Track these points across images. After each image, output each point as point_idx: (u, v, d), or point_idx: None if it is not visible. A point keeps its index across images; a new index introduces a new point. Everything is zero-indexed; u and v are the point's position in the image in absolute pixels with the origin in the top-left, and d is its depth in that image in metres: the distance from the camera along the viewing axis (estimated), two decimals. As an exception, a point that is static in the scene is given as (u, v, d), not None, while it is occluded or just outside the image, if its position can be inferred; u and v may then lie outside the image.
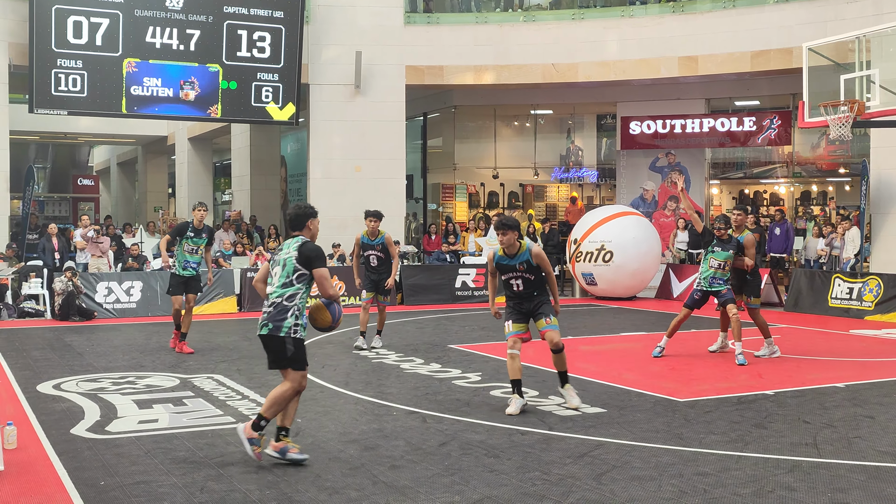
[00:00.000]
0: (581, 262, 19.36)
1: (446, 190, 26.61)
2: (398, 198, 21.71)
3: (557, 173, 26.12)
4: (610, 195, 25.58)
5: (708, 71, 20.87)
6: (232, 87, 19.86)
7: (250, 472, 6.20)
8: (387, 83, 21.42)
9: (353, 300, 18.32)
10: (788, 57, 19.24)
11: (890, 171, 18.10)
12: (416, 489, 5.82)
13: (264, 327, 6.50)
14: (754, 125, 22.12)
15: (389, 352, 12.03)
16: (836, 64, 15.57)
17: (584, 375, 10.02)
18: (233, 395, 9.02)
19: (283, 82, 20.24)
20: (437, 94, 25.34)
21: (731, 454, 6.70)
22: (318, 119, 21.30)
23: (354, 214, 20.92)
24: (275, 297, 6.52)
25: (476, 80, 22.29)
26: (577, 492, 5.74)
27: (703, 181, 23.60)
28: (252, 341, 13.09)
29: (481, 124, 26.87)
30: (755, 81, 22.05)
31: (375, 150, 21.24)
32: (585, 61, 21.66)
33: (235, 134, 28.09)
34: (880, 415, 8.05)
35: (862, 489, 5.80)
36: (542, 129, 26.62)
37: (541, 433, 7.34)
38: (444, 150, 27.51)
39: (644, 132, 23.12)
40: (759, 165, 24.01)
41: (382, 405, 8.53)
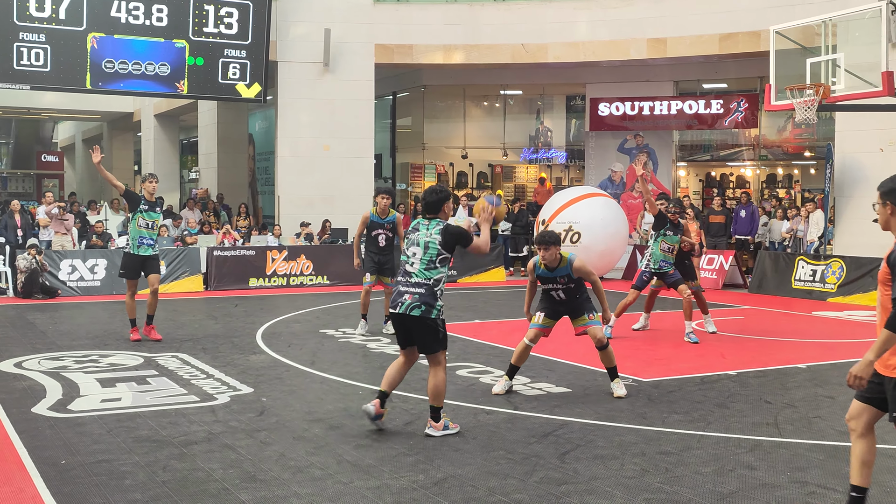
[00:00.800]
0: (549, 243, 19.38)
1: (415, 169, 26.55)
2: (367, 177, 21.64)
3: (526, 154, 26.15)
4: (578, 176, 25.65)
5: (676, 53, 20.95)
6: (199, 63, 19.63)
7: (213, 451, 6.17)
8: (356, 61, 21.28)
9: (319, 279, 18.26)
10: (756, 40, 19.35)
11: (854, 154, 18.31)
12: (381, 468, 5.82)
13: (416, 308, 6.48)
14: (722, 108, 22.24)
15: (356, 331, 12.00)
16: (803, 47, 15.68)
17: (550, 356, 10.07)
18: (197, 374, 8.97)
19: (250, 59, 20.03)
20: (407, 74, 25.22)
21: (694, 433, 6.77)
22: (286, 97, 21.13)
23: (322, 193, 20.92)
24: (420, 277, 6.54)
25: (445, 59, 22.20)
26: (540, 471, 5.78)
27: (670, 163, 23.72)
28: (217, 320, 13.04)
29: (450, 104, 26.81)
30: (723, 64, 22.16)
31: (344, 129, 21.13)
32: (555, 42, 21.64)
33: (202, 111, 27.82)
34: (840, 395, 8.16)
35: (820, 468, 5.89)
36: (512, 109, 26.62)
37: (506, 413, 7.38)
38: (413, 129, 27.43)
39: (613, 114, 23.17)
40: (726, 148, 24.17)
41: (348, 384, 8.53)
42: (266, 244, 18.78)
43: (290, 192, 21.11)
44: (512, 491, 5.37)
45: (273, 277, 17.97)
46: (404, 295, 6.56)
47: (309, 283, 18.18)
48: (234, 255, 17.83)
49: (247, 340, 11.17)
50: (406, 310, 6.52)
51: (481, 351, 10.49)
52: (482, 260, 19.58)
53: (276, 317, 13.50)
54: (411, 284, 6.56)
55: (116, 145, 36.56)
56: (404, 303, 6.54)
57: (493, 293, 17.59)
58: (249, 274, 17.78)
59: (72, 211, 19.55)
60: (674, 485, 5.52)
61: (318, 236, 20.12)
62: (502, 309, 15.05)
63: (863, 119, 17.43)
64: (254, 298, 16.21)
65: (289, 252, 18.26)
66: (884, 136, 17.66)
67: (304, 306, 14.85)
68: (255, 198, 28.48)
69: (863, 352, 10.58)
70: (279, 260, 18.07)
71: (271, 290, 17.56)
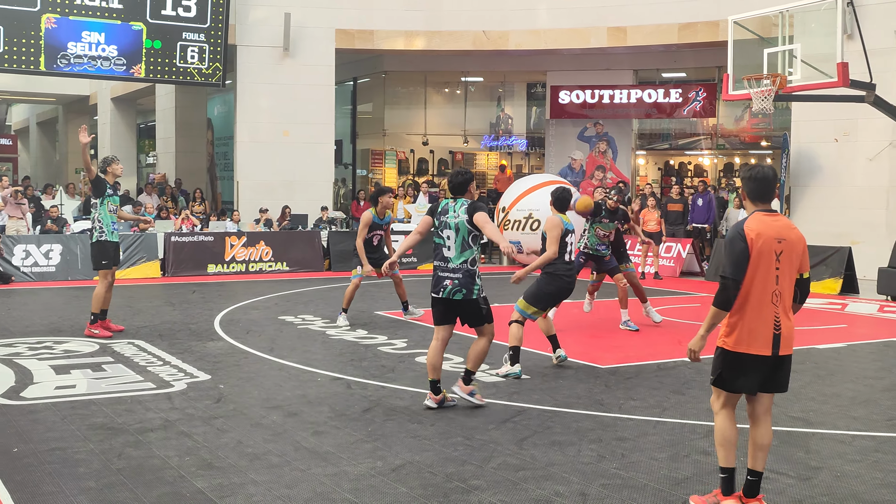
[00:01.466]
0: (509, 230, 19.46)
1: (376, 156, 26.46)
2: (327, 163, 21.54)
3: (487, 141, 26.18)
4: (539, 164, 25.74)
5: (636, 42, 21.07)
6: (156, 46, 19.38)
7: (169, 439, 6.13)
8: (316, 47, 21.14)
9: (278, 266, 18.16)
10: (715, 30, 19.51)
11: (810, 144, 18.56)
12: (339, 455, 5.82)
13: (458, 293, 6.91)
14: (680, 97, 22.42)
15: (316, 318, 11.97)
16: (761, 38, 15.83)
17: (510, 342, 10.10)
18: (154, 360, 8.88)
19: (209, 43, 19.82)
20: (368, 59, 25.10)
21: (650, 419, 6.84)
22: (245, 81, 20.95)
23: (282, 179, 20.79)
24: (458, 262, 6.98)
25: (407, 45, 22.13)
26: (498, 457, 5.81)
27: (629, 151, 23.87)
28: (175, 306, 12.92)
29: (412, 90, 26.73)
30: (682, 53, 22.33)
31: (304, 115, 21.00)
32: (516, 29, 21.66)
33: (160, 95, 27.49)
34: (793, 381, 8.22)
35: (773, 453, 5.97)
36: (473, 96, 26.60)
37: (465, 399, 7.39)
38: (374, 115, 27.33)
39: (573, 102, 23.26)
40: (685, 137, 24.39)
41: (307, 371, 8.50)
42: (225, 230, 18.63)
43: (250, 178, 20.95)
44: (469, 477, 5.40)
45: (232, 264, 17.84)
46: (444, 281, 6.98)
47: (268, 270, 18.08)
48: (193, 240, 17.66)
49: (204, 327, 11.09)
50: (448, 294, 6.95)
51: (440, 338, 10.49)
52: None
53: (234, 303, 13.41)
54: (449, 270, 6.99)
55: (72, 129, 35.97)
56: (446, 288, 6.96)
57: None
58: (208, 260, 17.64)
59: (26, 195, 19.24)
60: (629, 470, 5.58)
61: (277, 222, 20.00)
62: (462, 296, 15.05)
63: (818, 109, 17.67)
64: (212, 285, 16.08)
65: (248, 238, 18.13)
66: (839, 126, 17.93)
67: (263, 293, 14.76)
68: (214, 183, 28.23)
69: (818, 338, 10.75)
70: (238, 246, 17.94)
71: (230, 277, 17.44)
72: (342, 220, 21.62)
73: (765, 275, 4.77)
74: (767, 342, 4.78)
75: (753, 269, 4.77)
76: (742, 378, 4.86)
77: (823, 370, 8.90)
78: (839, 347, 10.25)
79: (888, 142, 17.40)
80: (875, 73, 15.00)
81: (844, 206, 17.97)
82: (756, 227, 4.79)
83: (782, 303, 4.80)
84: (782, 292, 4.81)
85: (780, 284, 4.79)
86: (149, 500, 4.93)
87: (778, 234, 4.80)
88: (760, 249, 4.76)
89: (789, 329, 4.83)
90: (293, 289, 15.45)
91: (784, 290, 4.81)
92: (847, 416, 7.06)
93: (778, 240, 4.79)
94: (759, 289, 4.78)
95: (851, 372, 8.89)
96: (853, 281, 15.69)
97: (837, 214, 17.98)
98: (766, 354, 4.79)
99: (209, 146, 28.46)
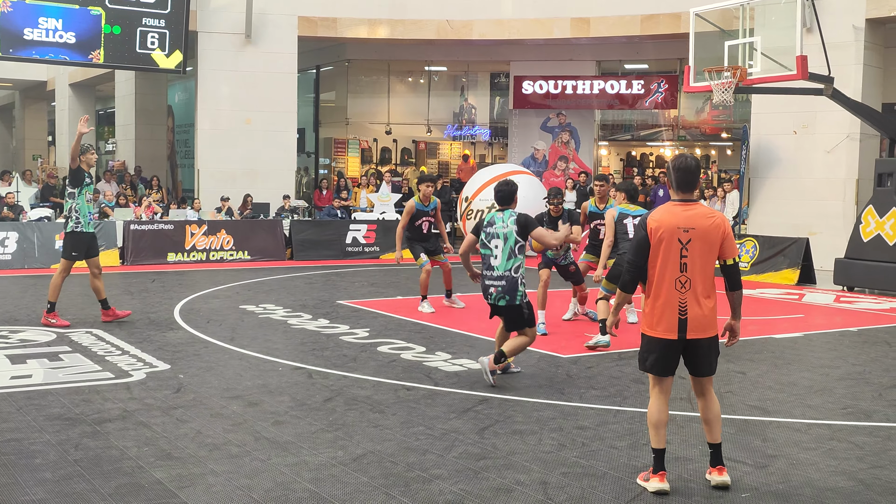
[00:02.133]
0: (472, 220, 19.47)
1: (338, 145, 26.35)
2: (289, 151, 21.39)
3: (450, 131, 26.16)
4: (502, 154, 25.77)
5: (599, 33, 21.14)
6: (115, 31, 19.09)
7: (128, 429, 6.07)
8: (278, 34, 20.96)
9: (240, 254, 18.02)
10: (677, 22, 19.64)
11: (769, 136, 18.76)
12: (300, 444, 5.80)
13: (502, 300, 7.46)
14: (642, 88, 22.56)
15: (277, 307, 11.90)
16: (722, 30, 15.96)
17: (472, 332, 10.14)
18: (112, 350, 8.79)
19: (169, 29, 19.56)
20: (331, 47, 24.95)
21: (610, 408, 6.89)
22: (206, 68, 20.72)
23: (244, 167, 20.62)
24: (503, 270, 7.49)
25: (370, 33, 22.02)
26: (459, 446, 5.82)
27: (592, 142, 23.98)
28: (133, 295, 12.79)
29: (375, 79, 26.62)
30: (644, 45, 22.45)
31: (266, 103, 20.82)
32: (480, 19, 21.64)
33: (120, 81, 27.10)
34: (751, 371, 8.40)
35: (731, 441, 6.05)
36: (436, 86, 26.56)
37: (426, 388, 7.40)
38: (337, 104, 27.19)
39: (536, 92, 23.31)
40: (646, 128, 24.56)
41: (268, 361, 8.45)
42: (185, 218, 18.45)
43: (211, 166, 20.75)
44: (431, 466, 5.40)
45: (192, 252, 17.68)
46: (490, 288, 7.54)
47: (229, 259, 17.94)
48: (152, 229, 17.47)
49: (164, 316, 10.99)
50: (494, 301, 7.52)
51: (403, 327, 10.50)
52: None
53: (194, 292, 13.30)
54: (494, 278, 7.51)
55: (29, 115, 35.43)
56: (492, 295, 7.53)
57: (414, 269, 17.56)
58: (168, 249, 17.46)
59: (-19, 182, 18.91)
60: (590, 459, 5.62)
61: (239, 211, 19.84)
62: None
63: (778, 102, 17.87)
64: (172, 273, 15.93)
65: (209, 227, 17.97)
66: (798, 118, 18.14)
67: (224, 282, 14.65)
68: (175, 171, 27.94)
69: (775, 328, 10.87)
70: (199, 234, 17.78)
71: (190, 266, 17.28)
72: (304, 209, 21.51)
73: (669, 262, 5.03)
74: (673, 326, 5.03)
75: (655, 256, 5.07)
76: (655, 360, 5.13)
77: (781, 359, 9.02)
78: (796, 337, 10.40)
79: (846, 134, 17.64)
80: (833, 67, 15.19)
81: (802, 198, 18.20)
82: (659, 217, 5.09)
83: (692, 290, 5.01)
84: (692, 279, 5.01)
85: (689, 271, 5.02)
86: (106, 492, 4.88)
87: (686, 223, 5.03)
88: (661, 238, 5.03)
89: (699, 315, 5.03)
90: (254, 278, 15.35)
91: (694, 276, 5.02)
92: (803, 404, 7.17)
93: (684, 229, 5.03)
94: (663, 276, 5.06)
95: (808, 361, 9.03)
96: (810, 271, 15.91)
97: (795, 206, 18.20)
98: (671, 338, 5.05)
99: (169, 133, 28.14)
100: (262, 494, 4.88)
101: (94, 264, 10.36)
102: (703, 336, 5.07)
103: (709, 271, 5.06)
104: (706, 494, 5.02)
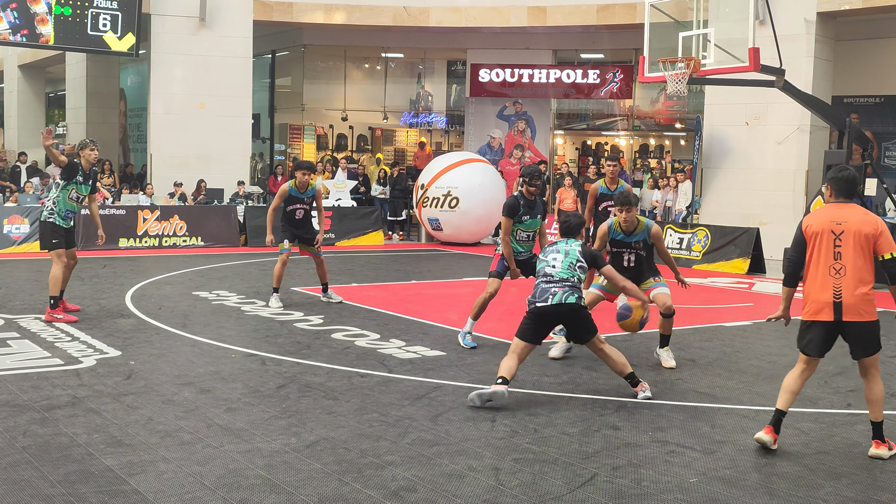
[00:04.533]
0: (427, 208, 19.49)
1: (294, 131, 26.18)
2: (244, 137, 21.20)
3: (407, 118, 26.11)
4: (458, 141, 25.79)
5: (555, 22, 21.22)
6: (66, 13, 18.75)
7: (77, 416, 6.00)
8: (233, 17, 20.74)
9: (193, 240, 17.85)
10: (632, 12, 19.78)
11: (721, 127, 18.99)
12: (252, 431, 5.77)
13: (570, 297, 6.73)
14: (598, 78, 22.70)
15: (231, 293, 11.82)
16: (676, 21, 16.07)
17: (427, 319, 10.15)
18: (62, 336, 8.67)
19: (122, 10, 19.26)
20: (287, 32, 24.75)
21: (563, 395, 6.95)
22: (159, 52, 20.44)
23: (197, 153, 20.40)
24: (563, 275, 6.85)
25: (326, 19, 21.88)
26: (413, 432, 5.84)
27: (548, 131, 24.10)
28: (84, 281, 12.61)
29: (331, 65, 26.47)
30: (600, 35, 22.57)
31: (221, 87, 20.60)
32: (437, 6, 21.61)
33: (70, 63, 26.63)
34: (701, 358, 8.52)
35: (680, 428, 6.15)
36: (393, 72, 26.48)
37: (380, 375, 7.41)
38: (293, 89, 27.00)
39: (493, 80, 23.35)
40: (602, 118, 24.72)
41: (221, 347, 8.40)
42: (137, 203, 18.21)
43: (164, 151, 20.50)
44: (384, 453, 5.42)
45: (144, 238, 17.47)
46: (552, 288, 6.81)
47: (182, 245, 17.76)
48: (104, 214, 17.19)
49: (115, 302, 10.86)
50: (561, 300, 6.73)
51: (357, 314, 10.49)
52: (360, 223, 19.52)
53: (146, 278, 13.15)
54: (555, 282, 6.86)
55: (-25, 96, 34.69)
56: (556, 294, 6.76)
57: (370, 257, 17.58)
58: (119, 234, 17.22)
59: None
60: (541, 445, 5.67)
61: (192, 196, 19.64)
62: (379, 273, 15.07)
63: (730, 93, 18.09)
64: (124, 259, 15.74)
65: (161, 212, 17.76)
66: (749, 110, 18.39)
67: (177, 268, 14.51)
68: (127, 155, 27.56)
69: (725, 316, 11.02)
70: (151, 220, 17.56)
71: (142, 251, 17.08)
72: (259, 194, 21.35)
73: (823, 251, 5.56)
74: (829, 310, 5.56)
75: (810, 248, 5.64)
76: (810, 340, 5.76)
77: (730, 347, 9.16)
78: (746, 325, 10.57)
79: (796, 126, 17.92)
80: (785, 59, 15.39)
81: (753, 188, 18.46)
82: (812, 219, 5.68)
83: (846, 277, 5.50)
84: (846, 265, 5.51)
85: (843, 259, 5.52)
86: (55, 479, 4.83)
87: (839, 217, 5.57)
88: (814, 232, 5.62)
89: (852, 299, 5.49)
90: (208, 264, 15.22)
91: (847, 264, 5.52)
92: (751, 391, 7.29)
93: (837, 222, 5.54)
94: (818, 263, 5.61)
95: (756, 349, 9.18)
96: (760, 261, 16.16)
97: (746, 196, 18.47)
98: (828, 320, 5.59)
99: (122, 117, 27.74)
100: (213, 481, 4.86)
101: (70, 255, 9.83)
102: (859, 319, 5.47)
103: (861, 261, 5.48)
104: (654, 480, 5.10)
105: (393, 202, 21.79)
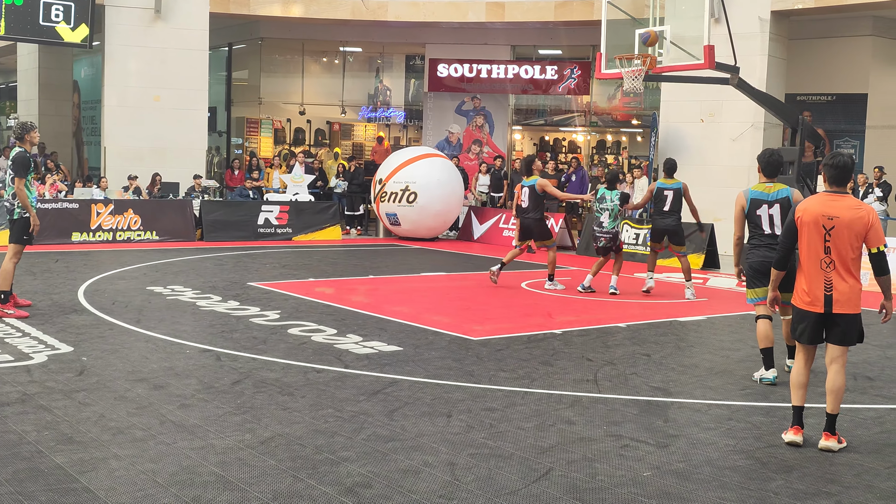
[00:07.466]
0: (385, 202, 19.45)
1: (251, 124, 25.97)
2: (200, 130, 20.96)
3: (365, 112, 26.02)
4: (416, 136, 25.76)
5: (514, 18, 21.28)
6: (17, 2, 18.39)
7: (27, 413, 5.90)
8: (189, 9, 20.49)
9: (148, 235, 17.63)
10: (590, 9, 19.90)
11: (677, 123, 19.17)
12: (206, 428, 5.72)
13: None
14: (556, 74, 22.79)
15: (186, 289, 11.70)
16: (633, 18, 16.19)
17: (384, 314, 10.14)
18: (12, 332, 8.52)
19: (75, 1, 18.95)
20: (244, 25, 24.54)
21: (518, 390, 6.98)
22: (113, 43, 20.14)
23: (152, 146, 20.15)
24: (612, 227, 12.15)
25: (284, 12, 21.73)
26: (368, 428, 5.83)
27: (506, 126, 24.15)
28: (36, 275, 12.40)
29: (289, 58, 26.30)
30: (558, 31, 22.68)
31: (176, 80, 20.35)
32: (395, 1, 21.55)
33: (22, 54, 26.14)
34: (655, 353, 8.61)
35: (634, 422, 6.20)
36: (351, 66, 26.37)
37: (336, 371, 7.38)
38: (250, 83, 26.78)
39: (451, 75, 23.35)
40: (560, 113, 24.83)
41: (175, 343, 8.31)
42: (91, 197, 17.95)
43: (118, 144, 20.22)
44: (339, 449, 5.40)
45: (98, 232, 17.24)
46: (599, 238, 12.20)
47: (137, 239, 17.55)
48: (56, 207, 16.96)
49: (67, 297, 10.70)
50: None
51: (314, 309, 10.44)
52: (318, 218, 19.43)
53: (100, 273, 12.98)
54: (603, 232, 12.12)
55: (-76, 87, 33.97)
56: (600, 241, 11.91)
57: (327, 251, 17.50)
58: (72, 228, 16.98)
59: None
60: (497, 440, 5.68)
61: (147, 190, 19.40)
62: (337, 267, 15.01)
63: (686, 90, 18.27)
64: (76, 254, 15.51)
65: (115, 206, 17.53)
66: (705, 107, 18.59)
67: (131, 263, 14.33)
68: (81, 148, 27.14)
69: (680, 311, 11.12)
70: (105, 214, 17.33)
71: (96, 246, 16.85)
72: (215, 189, 21.16)
73: (813, 245, 5.68)
74: (819, 301, 5.72)
75: (801, 239, 5.77)
76: (803, 329, 5.83)
77: (684, 342, 9.27)
78: (700, 320, 10.69)
79: (750, 123, 18.15)
80: (739, 57, 15.58)
81: (708, 185, 18.64)
82: (805, 206, 5.78)
83: (836, 270, 5.63)
84: (835, 260, 5.65)
85: (833, 254, 5.64)
86: (3, 477, 4.74)
87: (831, 211, 5.65)
88: (805, 222, 5.73)
89: (844, 292, 5.67)
90: (163, 259, 15.05)
91: (837, 259, 5.65)
92: (704, 385, 7.38)
93: (828, 217, 5.63)
94: (808, 256, 5.76)
95: (710, 343, 9.29)
96: (715, 256, 16.36)
97: (702, 192, 18.55)
98: (818, 311, 5.73)
99: (75, 110, 27.30)
100: (166, 479, 4.81)
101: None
102: (847, 312, 5.63)
103: (851, 256, 5.61)
104: (609, 474, 5.14)
105: (350, 197, 21.71)
